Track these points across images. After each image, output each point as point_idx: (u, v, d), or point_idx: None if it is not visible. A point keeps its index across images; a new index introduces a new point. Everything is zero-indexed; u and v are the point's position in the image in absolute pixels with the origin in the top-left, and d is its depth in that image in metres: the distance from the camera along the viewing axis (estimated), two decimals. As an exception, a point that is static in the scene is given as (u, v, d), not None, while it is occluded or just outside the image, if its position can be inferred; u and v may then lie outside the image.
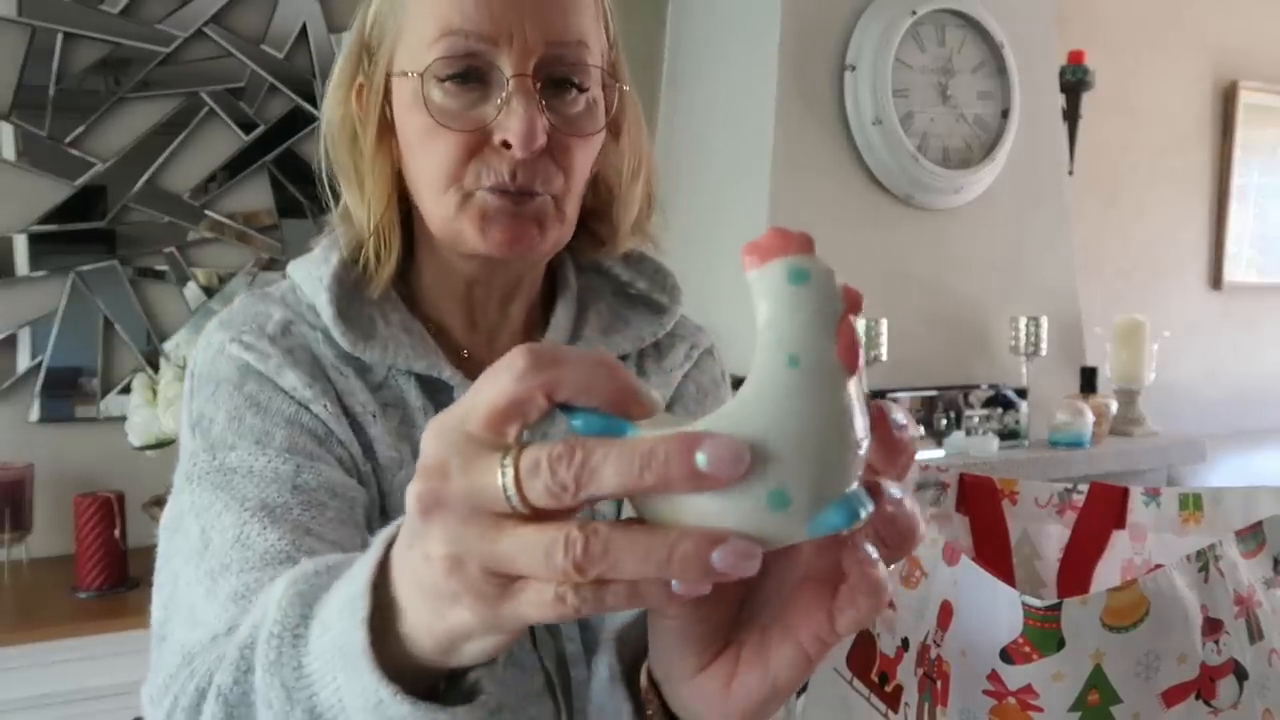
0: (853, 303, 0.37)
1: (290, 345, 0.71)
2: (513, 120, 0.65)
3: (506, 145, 0.66)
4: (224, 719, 0.48)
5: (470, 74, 0.67)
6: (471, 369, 0.76)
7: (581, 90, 0.69)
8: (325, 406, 0.69)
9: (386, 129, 0.72)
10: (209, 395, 0.70)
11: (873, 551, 0.37)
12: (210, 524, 0.63)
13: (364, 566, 0.41)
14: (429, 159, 0.69)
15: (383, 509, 0.71)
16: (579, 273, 0.84)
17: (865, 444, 0.36)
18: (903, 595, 0.73)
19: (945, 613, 0.68)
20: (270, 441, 0.66)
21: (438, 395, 0.74)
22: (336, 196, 0.78)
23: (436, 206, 0.71)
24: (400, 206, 0.75)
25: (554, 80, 0.68)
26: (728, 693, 0.42)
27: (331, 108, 0.74)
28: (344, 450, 0.69)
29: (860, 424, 0.35)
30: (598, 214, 0.80)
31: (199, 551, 0.62)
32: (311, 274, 0.75)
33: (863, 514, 0.35)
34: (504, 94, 0.66)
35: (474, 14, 0.65)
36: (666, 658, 0.45)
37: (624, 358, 0.84)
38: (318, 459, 0.66)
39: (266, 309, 0.74)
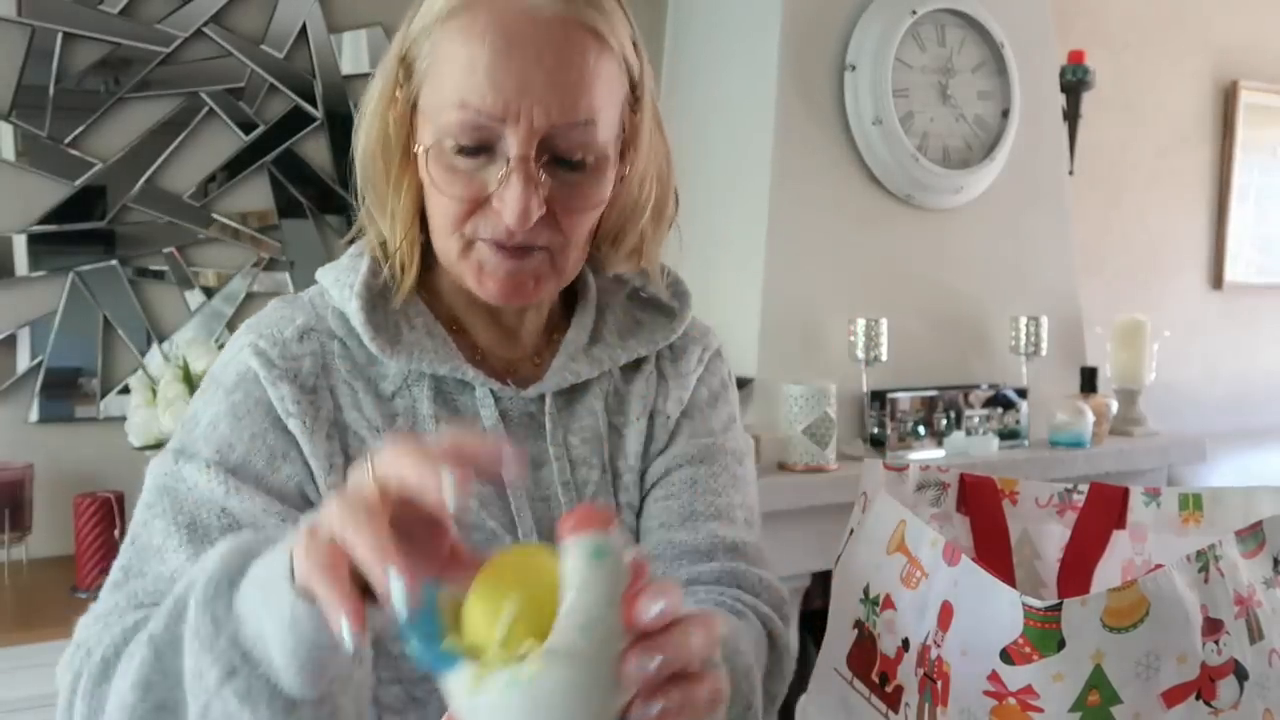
0: (637, 573, 0.48)
1: (301, 354, 0.77)
2: (508, 199, 0.70)
3: None
4: (152, 659, 0.59)
5: (479, 146, 0.71)
6: (490, 368, 0.82)
7: (585, 164, 0.73)
8: (304, 423, 0.74)
9: (412, 153, 0.76)
10: (208, 396, 0.77)
11: None
12: (146, 521, 0.74)
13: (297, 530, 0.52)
14: (437, 205, 0.74)
15: None
16: (595, 275, 0.88)
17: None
18: (903, 596, 0.73)
19: (946, 613, 0.68)
20: (228, 454, 0.74)
21: (456, 398, 0.80)
22: (363, 196, 0.81)
23: (443, 245, 0.76)
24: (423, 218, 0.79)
25: (558, 154, 0.72)
26: None
27: (368, 119, 0.77)
28: (297, 468, 0.75)
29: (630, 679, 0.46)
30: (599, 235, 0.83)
31: (130, 541, 0.74)
32: (341, 280, 0.80)
33: None
34: (505, 170, 0.70)
35: (488, 94, 0.69)
36: None
37: (642, 360, 0.88)
38: (256, 481, 0.74)
39: (292, 313, 0.80)
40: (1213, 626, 0.64)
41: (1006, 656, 0.62)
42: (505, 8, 0.70)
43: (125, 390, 1.96)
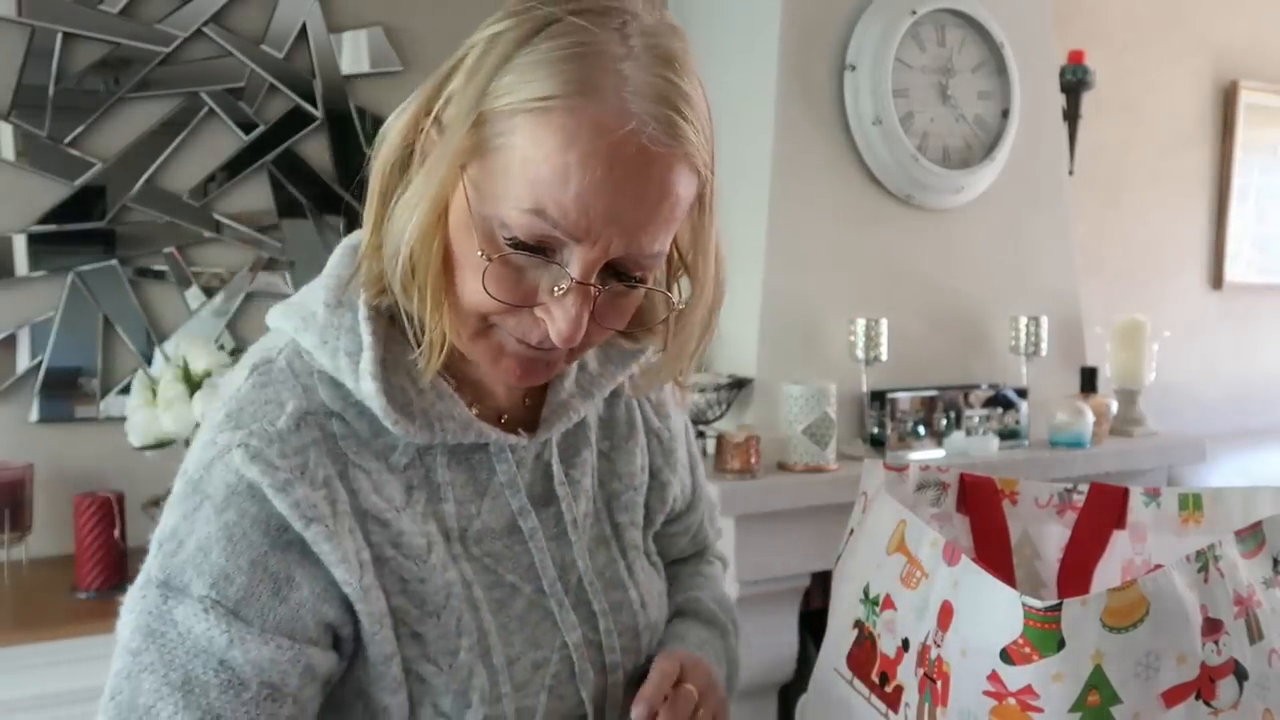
0: None
1: (303, 444, 0.69)
2: (558, 317, 0.65)
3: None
4: None
5: (537, 249, 0.64)
6: (485, 413, 0.78)
7: (639, 282, 0.68)
8: (327, 526, 0.67)
9: (443, 220, 0.67)
10: (189, 511, 0.67)
11: None
12: (131, 673, 0.66)
13: None
14: (471, 290, 0.67)
15: (408, 600, 0.72)
16: None
17: None
18: (903, 596, 0.73)
19: (945, 613, 0.68)
20: (226, 588, 0.65)
21: (470, 457, 0.76)
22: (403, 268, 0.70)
23: (457, 319, 0.69)
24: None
25: (616, 269, 0.67)
26: None
27: (434, 191, 0.66)
28: (307, 590, 0.67)
29: None
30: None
31: (110, 697, 0.67)
32: (331, 344, 0.71)
33: None
34: (563, 285, 0.65)
35: (571, 213, 0.62)
36: None
37: (616, 394, 0.88)
38: (263, 620, 0.66)
39: (278, 396, 0.70)
40: (1212, 626, 0.64)
41: (1006, 656, 0.62)
42: (615, 126, 0.61)
43: (125, 390, 1.97)
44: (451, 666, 0.71)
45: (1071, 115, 2.62)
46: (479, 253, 0.65)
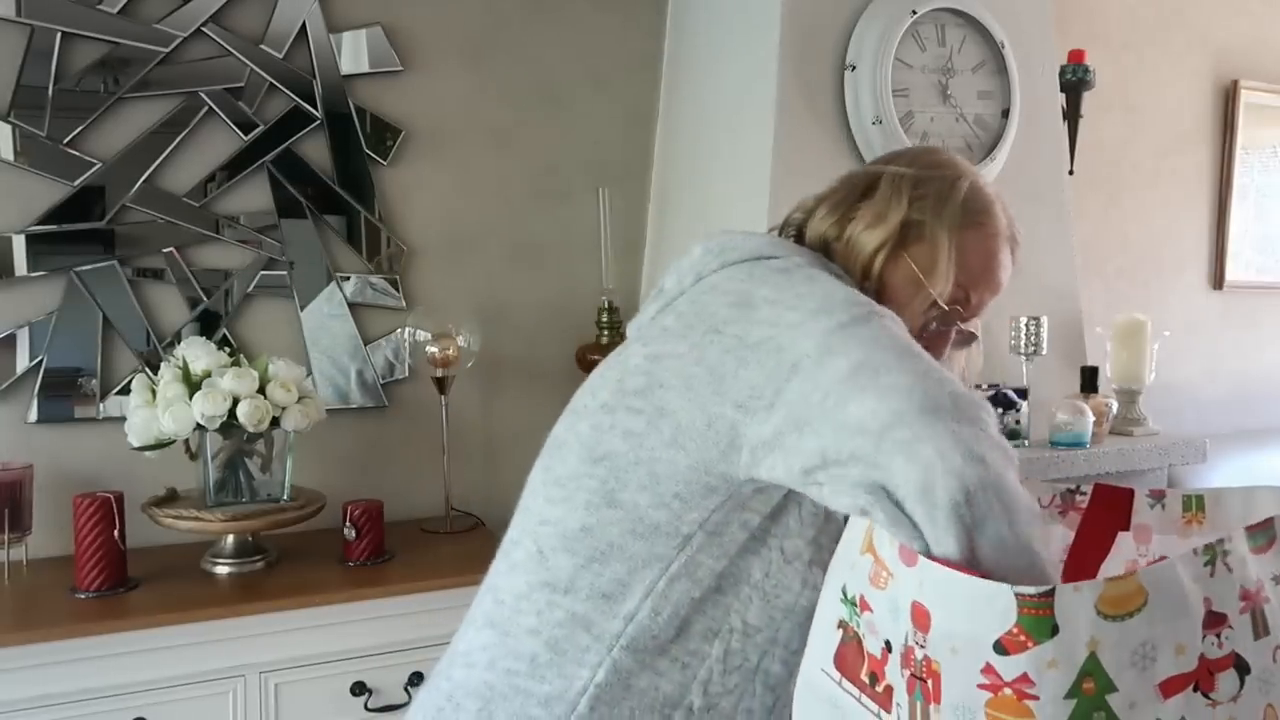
0: None
1: None
2: (939, 352, 1.04)
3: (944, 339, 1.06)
4: None
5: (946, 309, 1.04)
6: None
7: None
8: None
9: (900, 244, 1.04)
10: (872, 330, 0.86)
11: None
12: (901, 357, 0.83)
13: None
14: (907, 315, 0.99)
15: None
16: None
17: None
18: (876, 596, 0.73)
19: (920, 614, 0.67)
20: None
21: None
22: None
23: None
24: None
25: None
26: None
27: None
28: None
29: None
30: None
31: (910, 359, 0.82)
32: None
33: None
34: (951, 333, 1.05)
35: (986, 295, 1.05)
36: None
37: None
38: None
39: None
40: (1216, 620, 0.64)
41: (1000, 647, 0.62)
42: (1006, 234, 1.07)
43: (125, 390, 1.96)
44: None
45: (1071, 115, 2.61)
46: (922, 305, 1.02)
